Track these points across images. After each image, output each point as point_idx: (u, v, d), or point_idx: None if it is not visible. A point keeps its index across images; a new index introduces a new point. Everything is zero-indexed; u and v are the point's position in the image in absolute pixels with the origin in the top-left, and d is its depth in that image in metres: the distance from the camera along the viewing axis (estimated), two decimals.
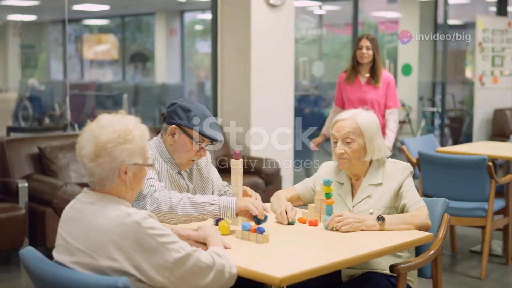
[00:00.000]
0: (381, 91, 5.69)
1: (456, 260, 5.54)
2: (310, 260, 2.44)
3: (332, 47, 13.59)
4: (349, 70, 5.79)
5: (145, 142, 2.34)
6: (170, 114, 3.03)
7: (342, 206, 3.18)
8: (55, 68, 13.86)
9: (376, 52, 5.68)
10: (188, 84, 14.27)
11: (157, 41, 14.60)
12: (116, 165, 2.24)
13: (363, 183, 3.16)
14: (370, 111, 3.21)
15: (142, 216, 2.18)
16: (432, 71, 11.24)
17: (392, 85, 5.78)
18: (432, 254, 3.03)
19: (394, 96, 5.78)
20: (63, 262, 2.23)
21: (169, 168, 3.07)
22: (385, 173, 3.15)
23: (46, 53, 13.56)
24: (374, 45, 5.66)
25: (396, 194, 3.10)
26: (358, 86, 5.74)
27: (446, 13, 10.13)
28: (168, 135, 3.05)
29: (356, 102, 5.60)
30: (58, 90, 11.51)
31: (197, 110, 3.01)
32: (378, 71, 5.71)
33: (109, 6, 13.87)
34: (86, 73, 16.45)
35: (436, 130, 11.22)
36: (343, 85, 5.82)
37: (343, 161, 3.14)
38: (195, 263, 2.22)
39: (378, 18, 13.13)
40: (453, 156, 5.13)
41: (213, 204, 2.80)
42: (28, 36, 12.55)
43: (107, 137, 2.23)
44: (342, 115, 3.18)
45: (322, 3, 11.99)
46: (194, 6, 13.84)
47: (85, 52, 16.62)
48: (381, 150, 3.15)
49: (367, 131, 3.11)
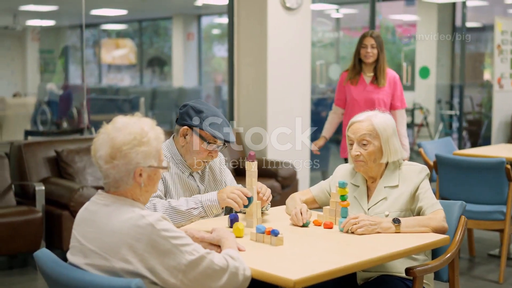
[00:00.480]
0: (387, 90, 5.47)
1: (474, 264, 5.49)
2: (324, 262, 2.42)
3: (349, 50, 13.55)
4: (352, 69, 5.54)
5: (160, 144, 2.33)
6: (182, 115, 3.04)
7: (358, 208, 3.16)
8: (73, 72, 13.93)
9: (381, 50, 5.44)
10: (205, 88, 14.29)
11: (174, 45, 14.64)
12: (131, 167, 2.24)
13: (379, 185, 3.14)
14: (386, 113, 3.18)
15: (156, 218, 2.18)
16: (450, 74, 11.17)
17: (398, 84, 5.56)
18: (448, 257, 3.00)
19: (401, 95, 5.56)
20: (77, 264, 2.23)
21: (179, 171, 3.08)
22: (401, 175, 3.12)
23: (64, 58, 13.64)
24: (379, 43, 5.43)
25: (412, 197, 3.08)
26: (363, 86, 5.50)
27: (464, 16, 10.07)
28: (180, 136, 3.06)
29: (362, 103, 5.39)
30: (75, 94, 11.58)
31: (209, 111, 3.02)
32: (382, 70, 5.48)
33: (126, 10, 13.93)
34: (104, 78, 16.53)
35: (454, 133, 11.15)
36: (347, 85, 5.56)
37: (359, 163, 3.12)
38: (209, 266, 2.21)
39: (395, 21, 13.08)
40: (471, 158, 5.08)
41: (196, 208, 2.87)
42: (46, 41, 12.63)
43: (123, 139, 2.23)
44: (358, 116, 3.16)
45: (339, 6, 11.97)
46: (211, 10, 13.87)
47: (103, 56, 16.71)
48: (397, 152, 3.13)
49: (383, 133, 3.09)
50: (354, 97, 5.48)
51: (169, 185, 3.03)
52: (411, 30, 12.44)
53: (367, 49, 5.40)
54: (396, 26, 13.04)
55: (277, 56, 6.86)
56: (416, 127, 11.26)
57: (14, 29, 11.61)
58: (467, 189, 4.98)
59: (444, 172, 5.10)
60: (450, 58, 11.13)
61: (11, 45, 11.96)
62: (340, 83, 5.65)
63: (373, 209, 3.12)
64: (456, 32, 10.95)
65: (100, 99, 12.46)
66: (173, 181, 3.05)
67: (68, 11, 12.15)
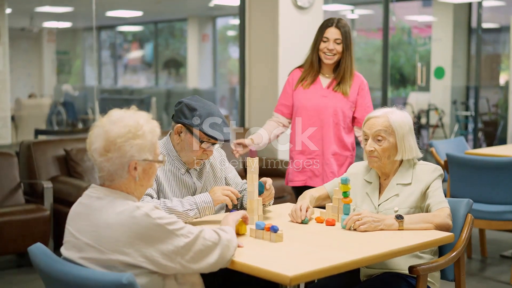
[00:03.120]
0: (349, 98, 4.14)
1: (486, 265, 5.41)
2: (323, 259, 2.38)
3: (365, 51, 13.51)
4: (308, 68, 4.19)
5: (155, 138, 2.32)
6: (176, 112, 3.02)
7: (368, 204, 3.13)
8: (89, 74, 14.00)
9: (347, 47, 4.07)
10: (220, 89, 14.30)
11: (189, 46, 14.67)
12: (126, 160, 2.23)
13: (392, 182, 3.10)
14: (404, 110, 3.13)
15: (150, 207, 2.19)
16: (466, 75, 11.07)
17: (366, 91, 4.20)
18: (454, 256, 2.95)
19: (370, 106, 4.19)
20: (71, 258, 2.22)
21: (174, 168, 3.05)
22: (415, 173, 3.08)
23: (80, 59, 13.71)
24: (346, 36, 4.06)
25: (423, 195, 3.03)
26: (317, 89, 4.15)
27: (480, 16, 9.97)
28: (175, 134, 3.04)
29: (313, 111, 4.12)
30: (91, 95, 11.63)
31: (203, 109, 2.98)
32: (348, 75, 4.12)
33: (142, 12, 13.97)
34: (120, 79, 16.59)
35: (470, 134, 11.05)
36: (296, 89, 4.20)
37: (372, 159, 3.09)
38: (202, 243, 2.26)
39: (411, 22, 13.00)
40: (482, 158, 5.00)
41: (192, 209, 2.87)
42: (62, 43, 12.70)
43: (117, 132, 2.22)
44: (375, 112, 3.13)
45: (354, 7, 11.93)
46: (226, 11, 13.87)
47: (118, 58, 16.77)
48: (413, 150, 3.08)
49: (399, 130, 3.05)
50: (303, 103, 4.15)
51: (162, 182, 3.00)
52: (427, 31, 12.37)
53: (329, 45, 4.05)
54: (412, 27, 12.98)
55: (289, 56, 6.82)
56: (431, 128, 11.17)
57: (31, 31, 11.69)
58: (478, 188, 4.91)
59: (455, 172, 5.03)
60: (466, 59, 11.04)
61: (28, 47, 12.04)
62: (288, 84, 4.26)
63: (384, 205, 3.08)
64: (472, 32, 10.86)
65: (112, 99, 12.50)
66: (167, 178, 3.02)
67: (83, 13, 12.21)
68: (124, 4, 12.64)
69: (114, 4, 12.37)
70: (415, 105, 10.98)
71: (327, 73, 4.18)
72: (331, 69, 4.17)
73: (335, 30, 4.05)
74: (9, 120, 8.67)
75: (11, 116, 8.95)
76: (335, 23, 4.06)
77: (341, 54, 4.08)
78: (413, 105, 11.14)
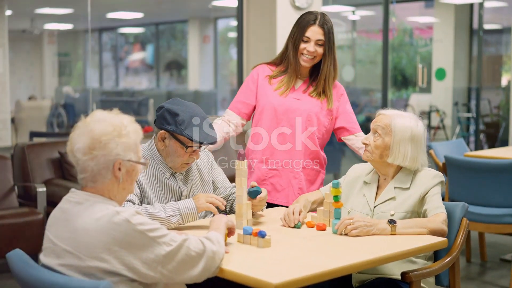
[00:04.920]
0: (324, 104, 3.52)
1: (485, 269, 5.34)
2: (311, 265, 2.31)
3: (366, 52, 13.44)
4: (284, 68, 3.55)
5: (139, 139, 2.28)
6: (158, 118, 2.93)
7: (364, 205, 3.07)
8: (90, 76, 13.97)
9: (329, 50, 3.45)
10: (221, 91, 14.24)
11: (190, 48, 14.63)
12: (111, 158, 2.17)
13: (390, 185, 3.04)
14: (419, 121, 3.04)
15: (130, 213, 2.12)
16: (468, 76, 11.00)
17: (345, 97, 3.63)
18: (448, 261, 2.89)
19: (352, 112, 3.65)
20: (50, 265, 2.16)
21: (158, 173, 2.98)
22: (415, 178, 3.02)
23: (82, 61, 13.68)
24: (329, 38, 3.44)
25: (421, 200, 2.97)
26: (290, 90, 3.52)
27: (481, 17, 9.90)
28: (158, 140, 2.96)
29: (282, 114, 3.48)
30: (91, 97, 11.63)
31: (185, 113, 2.89)
32: (328, 82, 3.51)
33: (143, 14, 13.93)
34: (121, 81, 16.57)
35: (471, 136, 10.98)
36: (262, 85, 3.56)
37: (365, 152, 3.07)
38: (186, 253, 2.18)
39: (412, 23, 12.93)
40: (481, 160, 4.93)
41: (174, 215, 2.80)
42: (63, 45, 12.67)
43: (103, 129, 2.17)
44: (387, 110, 3.08)
45: (355, 8, 11.86)
46: (227, 12, 13.81)
47: (120, 60, 16.74)
48: (407, 159, 2.99)
49: (396, 134, 2.98)
50: (272, 102, 3.50)
51: (146, 188, 2.93)
52: (428, 32, 12.29)
53: (309, 46, 3.43)
54: (413, 29, 12.90)
55: None
56: (433, 130, 11.10)
57: (32, 33, 11.66)
58: (477, 191, 4.84)
59: (453, 174, 4.96)
60: (468, 61, 10.97)
61: (29, 49, 12.02)
62: (252, 81, 3.61)
63: (380, 207, 3.02)
64: (473, 34, 10.79)
65: (108, 101, 12.45)
66: (151, 183, 2.95)
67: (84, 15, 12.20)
68: (125, 6, 12.61)
69: (114, 5, 12.34)
70: (416, 106, 10.90)
71: (303, 74, 3.56)
72: (307, 71, 3.56)
73: (318, 29, 3.41)
74: (9, 122, 8.63)
75: (11, 118, 8.91)
76: (318, 21, 3.41)
77: (320, 57, 3.48)
78: (414, 107, 11.07)
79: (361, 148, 3.53)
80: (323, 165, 3.63)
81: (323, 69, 3.48)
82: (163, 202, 2.94)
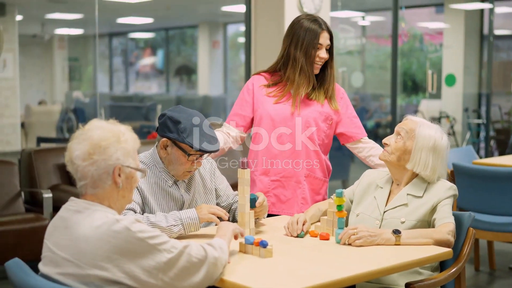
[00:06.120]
0: (325, 109, 3.44)
1: (494, 278, 5.28)
2: (313, 276, 2.28)
3: (376, 58, 13.40)
4: (297, 79, 3.38)
5: (136, 147, 2.27)
6: (160, 126, 2.91)
7: (374, 208, 3.03)
8: (100, 81, 13.99)
9: (331, 56, 3.44)
10: (230, 96, 14.24)
11: (200, 53, 14.63)
12: (111, 163, 2.16)
13: (402, 191, 3.01)
14: (445, 135, 3.00)
15: (130, 221, 2.11)
16: (478, 82, 10.93)
17: (346, 100, 3.55)
18: (454, 272, 2.85)
19: (355, 116, 3.57)
20: (48, 274, 2.14)
21: (160, 181, 2.95)
22: (429, 188, 2.98)
23: (92, 66, 13.73)
24: (332, 41, 3.41)
25: (433, 209, 2.92)
26: (286, 98, 3.43)
27: (492, 23, 9.84)
28: (161, 148, 2.94)
29: (281, 123, 3.41)
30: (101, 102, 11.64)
31: (187, 120, 2.86)
32: (332, 86, 3.47)
33: (153, 19, 13.95)
34: (131, 86, 16.60)
35: (482, 142, 10.91)
36: (258, 95, 3.46)
37: (384, 152, 3.04)
38: (187, 260, 2.16)
39: (422, 28, 12.88)
40: (489, 168, 4.87)
41: (176, 225, 2.77)
42: (73, 49, 12.71)
43: (102, 135, 2.17)
44: (415, 117, 3.06)
45: (365, 14, 11.83)
46: (237, 18, 13.81)
47: (130, 65, 16.77)
48: (428, 168, 2.95)
49: (419, 141, 2.95)
50: (269, 111, 3.41)
51: (147, 196, 2.91)
52: (438, 38, 12.24)
53: (321, 53, 3.37)
54: (423, 34, 12.85)
55: None
56: None
57: (42, 38, 11.69)
58: (485, 199, 4.79)
59: (461, 182, 4.91)
60: (478, 66, 10.90)
61: (39, 54, 12.06)
62: (248, 92, 3.51)
63: (390, 213, 2.98)
64: (484, 39, 10.72)
65: (117, 106, 12.47)
66: (152, 191, 2.92)
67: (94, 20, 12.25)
68: (135, 11, 12.63)
69: (125, 11, 12.36)
70: (426, 112, 10.84)
71: None
72: None
73: (327, 34, 3.36)
74: (18, 126, 8.66)
75: (21, 122, 8.93)
76: (324, 25, 3.36)
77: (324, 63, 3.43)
78: (424, 113, 11.00)
79: (368, 157, 3.50)
80: (326, 173, 3.55)
81: (330, 73, 3.44)
82: (165, 211, 2.92)
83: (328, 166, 3.56)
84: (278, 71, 3.50)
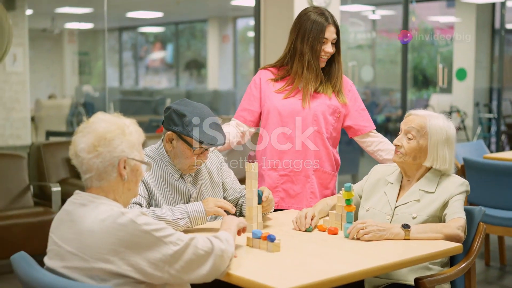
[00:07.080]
0: (332, 102, 3.40)
1: (504, 273, 5.24)
2: (321, 271, 2.26)
3: (386, 52, 13.34)
4: (305, 74, 3.34)
5: (141, 140, 2.26)
6: (166, 119, 2.89)
7: (384, 204, 3.00)
8: (110, 75, 14.00)
9: (338, 48, 3.39)
10: (240, 90, 14.21)
11: (209, 47, 14.61)
12: (116, 155, 2.15)
13: (414, 187, 2.98)
14: (450, 120, 2.98)
15: (135, 213, 2.09)
16: (489, 76, 10.86)
17: (354, 92, 3.50)
18: (464, 267, 2.82)
19: (364, 109, 3.52)
20: (54, 268, 2.13)
21: (166, 175, 2.93)
22: (441, 183, 2.95)
23: (102, 60, 13.73)
24: (339, 35, 3.36)
25: (445, 205, 2.89)
26: (294, 92, 3.39)
27: (503, 17, 9.77)
28: (166, 142, 2.92)
29: (289, 118, 3.36)
30: (111, 96, 11.65)
31: (192, 113, 2.84)
32: (340, 79, 3.43)
33: (162, 13, 13.93)
34: (141, 80, 16.59)
35: (493, 136, 10.84)
36: (265, 89, 3.43)
37: (397, 154, 2.98)
38: (194, 252, 2.14)
39: (433, 22, 12.80)
40: (500, 162, 4.84)
41: (182, 218, 2.75)
42: (83, 44, 12.71)
43: (106, 127, 2.17)
44: (418, 110, 3.01)
45: (375, 7, 11.77)
46: (246, 12, 13.77)
47: (140, 59, 16.77)
48: (446, 162, 2.94)
49: (432, 136, 2.92)
50: (276, 106, 3.38)
51: (153, 190, 2.89)
52: (450, 32, 12.17)
53: (327, 47, 3.33)
54: (434, 28, 12.77)
55: None
56: None
57: (52, 32, 11.70)
58: (496, 194, 4.75)
59: (472, 176, 4.87)
60: (489, 60, 10.83)
61: (49, 48, 12.07)
62: (255, 87, 3.49)
63: (401, 208, 2.95)
64: (495, 33, 10.65)
65: (126, 100, 12.47)
66: (158, 185, 2.90)
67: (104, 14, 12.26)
68: (144, 5, 12.62)
69: (134, 5, 12.35)
70: (436, 107, 10.78)
71: None
72: None
73: (333, 28, 3.31)
74: (28, 121, 8.66)
75: (31, 117, 8.94)
76: (330, 19, 3.30)
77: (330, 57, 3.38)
78: (435, 107, 10.94)
79: (376, 152, 3.46)
80: (334, 167, 3.51)
81: (337, 68, 3.40)
82: (172, 204, 2.90)
83: (336, 160, 3.52)
84: (285, 65, 3.46)
